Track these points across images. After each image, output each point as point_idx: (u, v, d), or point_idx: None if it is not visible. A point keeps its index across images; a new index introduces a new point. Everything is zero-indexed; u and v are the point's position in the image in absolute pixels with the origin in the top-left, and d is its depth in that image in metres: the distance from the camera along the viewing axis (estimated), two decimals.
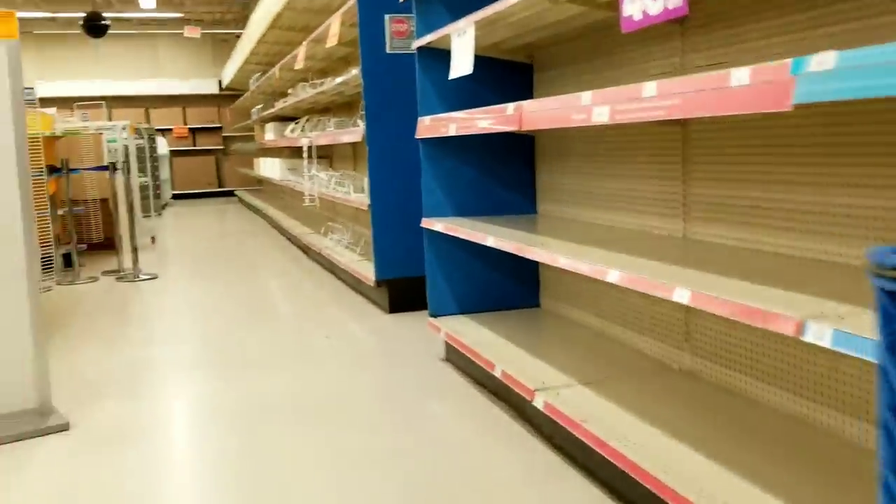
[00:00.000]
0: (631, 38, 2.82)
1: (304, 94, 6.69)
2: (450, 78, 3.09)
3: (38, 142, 5.28)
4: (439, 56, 3.47)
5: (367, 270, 4.76)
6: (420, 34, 3.44)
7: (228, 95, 16.59)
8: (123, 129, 8.28)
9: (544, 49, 3.50)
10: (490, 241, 2.74)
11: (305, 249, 7.11)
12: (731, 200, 2.37)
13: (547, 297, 3.63)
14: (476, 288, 3.60)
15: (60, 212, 6.81)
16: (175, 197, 16.48)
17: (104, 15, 14.40)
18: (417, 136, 3.48)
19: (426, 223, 3.47)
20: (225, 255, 7.55)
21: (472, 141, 3.57)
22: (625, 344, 2.95)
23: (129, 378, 3.52)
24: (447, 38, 3.15)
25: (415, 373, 3.42)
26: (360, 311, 4.71)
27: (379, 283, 4.53)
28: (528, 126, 2.42)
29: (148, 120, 16.44)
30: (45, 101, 15.09)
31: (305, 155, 6.05)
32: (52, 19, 15.81)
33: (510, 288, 3.65)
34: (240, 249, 7.91)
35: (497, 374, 2.74)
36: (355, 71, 4.67)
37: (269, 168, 9.33)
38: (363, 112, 4.54)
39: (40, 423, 2.91)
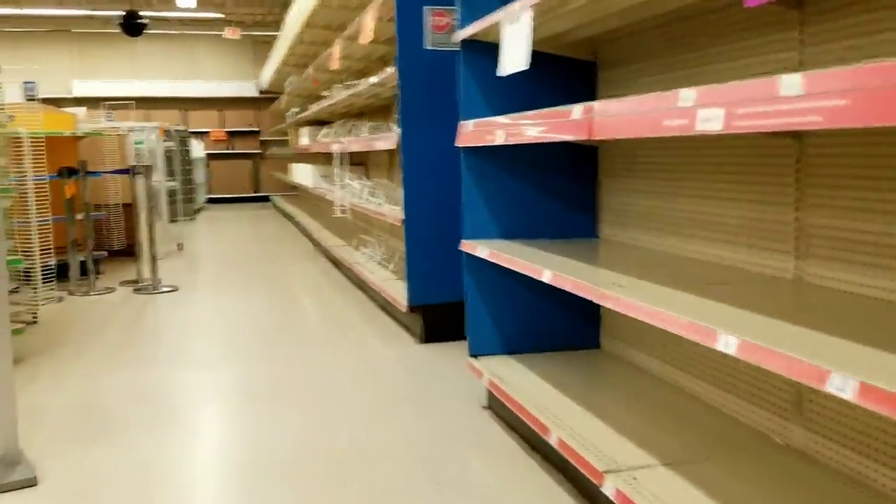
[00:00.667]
0: (729, 28, 2.27)
1: (338, 96, 6.23)
2: (499, 75, 2.56)
3: (40, 142, 4.87)
4: (486, 50, 2.95)
5: (399, 292, 4.26)
6: (464, 24, 2.92)
7: (266, 98, 16.27)
8: (152, 130, 7.90)
9: (612, 43, 2.96)
10: (546, 277, 2.21)
11: (336, 262, 6.64)
12: (864, 236, 1.81)
13: (609, 338, 3.09)
14: (525, 323, 3.07)
15: (80, 216, 6.43)
16: (211, 201, 16.20)
17: (143, 14, 14.17)
18: (458, 144, 2.97)
19: (467, 246, 2.95)
20: (251, 264, 7.12)
21: (523, 150, 3.04)
22: (711, 405, 2.40)
23: (120, 412, 3.05)
24: (496, 27, 2.63)
25: (450, 423, 2.89)
26: (390, 338, 4.20)
27: (412, 308, 4.01)
28: (600, 134, 1.88)
29: (185, 122, 16.19)
30: (82, 101, 14.91)
31: (336, 162, 5.58)
32: (91, 17, 15.65)
33: (565, 324, 3.11)
34: (267, 259, 7.48)
35: (552, 441, 2.21)
36: (391, 70, 4.17)
37: (302, 174, 8.90)
38: (398, 116, 4.04)
39: (4, 475, 2.45)
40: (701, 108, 1.50)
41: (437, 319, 4.04)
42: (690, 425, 2.23)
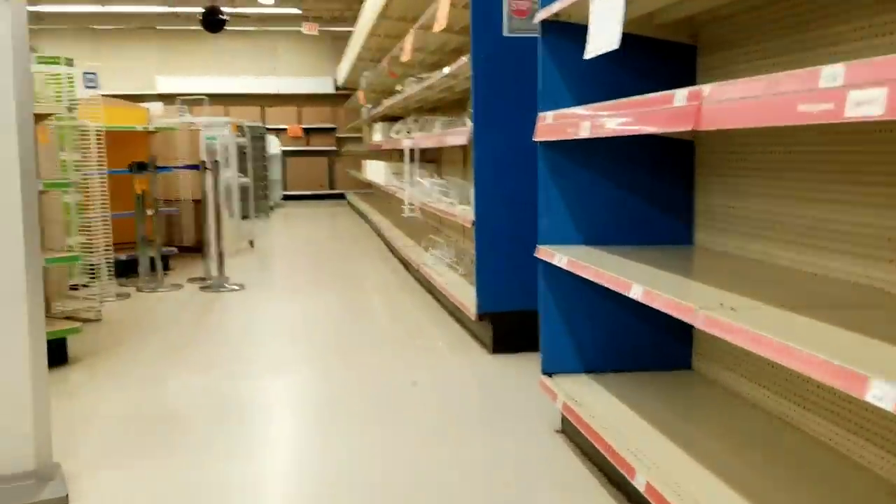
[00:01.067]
0: (855, 4, 1.89)
1: (410, 90, 5.98)
2: (586, 57, 2.24)
3: (99, 135, 4.77)
4: (570, 33, 2.63)
5: (468, 298, 3.97)
6: (546, 3, 2.61)
7: (343, 95, 16.23)
8: (224, 126, 7.83)
9: (716, 24, 2.60)
10: (636, 293, 1.88)
11: (406, 263, 6.39)
12: None
13: (703, 359, 2.72)
14: (606, 339, 2.74)
15: (150, 212, 6.37)
16: (287, 198, 16.25)
17: (223, 10, 14.28)
18: (536, 139, 2.66)
19: (543, 253, 2.64)
20: (320, 263, 6.94)
21: (607, 145, 2.71)
22: (826, 444, 2.02)
23: (170, 422, 2.86)
24: (583, 4, 2.31)
25: (518, 447, 2.59)
26: (458, 347, 3.92)
27: (481, 315, 3.72)
28: (710, 124, 1.55)
29: (263, 119, 16.29)
30: (165, 97, 15.15)
31: (407, 158, 5.33)
32: (174, 14, 15.90)
33: (652, 342, 2.76)
34: (337, 257, 7.30)
35: (639, 486, 1.88)
36: (465, 59, 3.88)
37: (375, 171, 8.71)
38: (471, 109, 3.75)
39: (34, 492, 2.26)
40: (853, 89, 1.16)
41: (508, 328, 3.74)
42: (803, 469, 1.87)
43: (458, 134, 4.06)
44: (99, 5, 14.75)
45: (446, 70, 4.33)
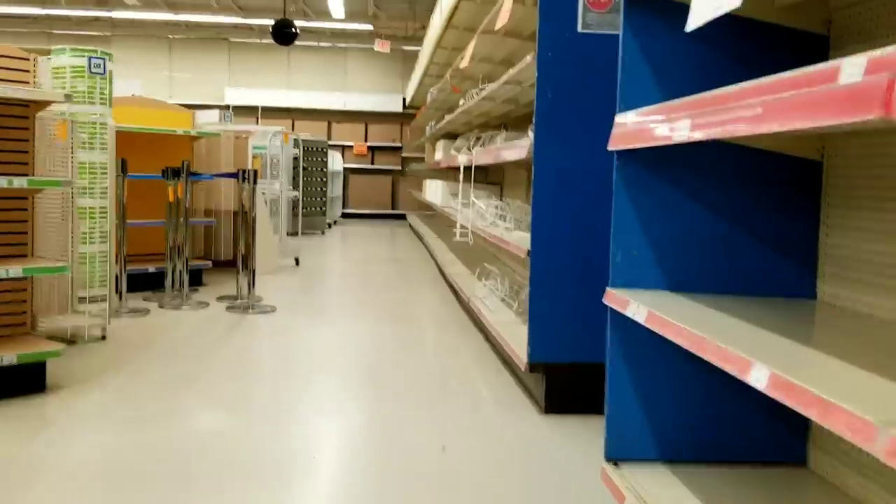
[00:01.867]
0: None
1: (470, 102, 5.40)
2: (689, 28, 1.60)
3: (131, 137, 4.31)
4: (664, 11, 2.00)
5: (519, 342, 3.33)
6: None
7: (410, 114, 15.80)
8: (275, 135, 7.38)
9: (856, 7, 1.93)
10: (760, 379, 1.21)
11: (458, 293, 5.78)
12: None
13: (824, 454, 2.02)
14: (693, 419, 2.06)
15: (192, 222, 5.93)
16: (347, 216, 15.87)
17: (294, 23, 14.04)
18: (612, 147, 2.02)
19: (614, 299, 1.99)
20: (365, 287, 6.39)
21: (707, 160, 2.05)
22: None
23: (139, 480, 2.29)
24: None
25: None
26: (504, 402, 3.27)
27: (533, 365, 3.06)
28: None
29: (329, 134, 15.99)
30: (236, 110, 14.99)
31: (462, 177, 4.74)
32: (249, 27, 15.78)
33: (755, 427, 2.07)
34: (385, 281, 6.73)
35: None
36: (529, 58, 3.27)
37: (433, 191, 8.14)
38: (535, 119, 3.12)
39: None
40: None
41: (565, 384, 3.07)
42: None
43: (517, 147, 3.44)
44: (171, 13, 14.70)
45: (512, 71, 3.73)
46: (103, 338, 4.20)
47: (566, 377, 3.05)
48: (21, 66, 3.34)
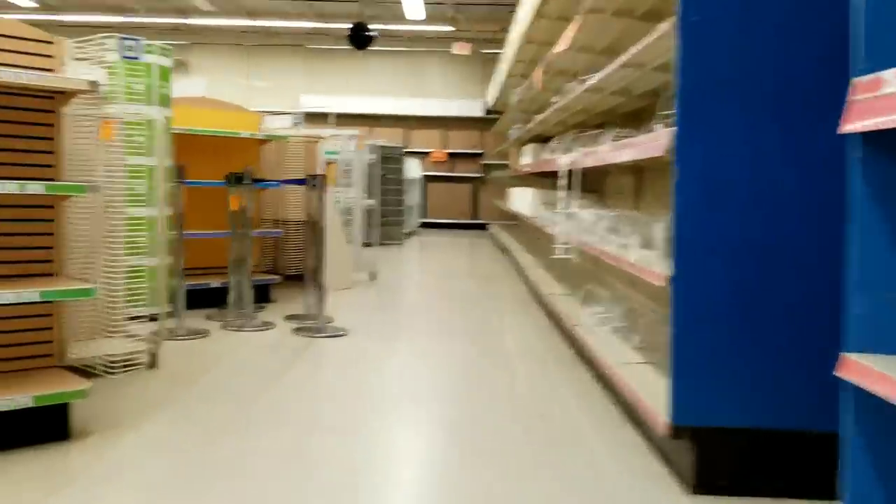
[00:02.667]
0: None
1: (570, 95, 4.67)
2: None
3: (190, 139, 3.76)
4: None
5: (650, 392, 2.59)
6: None
7: (491, 119, 15.10)
8: (350, 139, 6.81)
9: None
10: None
11: (555, 318, 5.05)
12: None
13: None
14: None
15: (256, 233, 5.39)
16: (425, 225, 15.27)
17: (371, 27, 13.57)
18: (846, 128, 1.28)
19: (859, 372, 1.23)
20: (447, 308, 5.72)
21: None
22: None
23: None
24: None
25: None
26: (631, 473, 2.53)
27: (678, 429, 2.31)
28: None
29: (406, 141, 15.45)
30: (311, 117, 14.60)
31: (561, 182, 4.02)
32: (325, 32, 15.41)
33: None
34: (468, 302, 6.04)
35: None
36: (666, 25, 2.54)
37: (521, 200, 7.42)
38: (676, 100, 2.37)
39: None
40: None
41: (724, 454, 2.31)
42: None
43: (645, 145, 2.70)
44: (248, 19, 14.44)
45: (633, 50, 2.99)
46: (153, 365, 3.64)
47: (727, 447, 2.29)
48: (42, 51, 2.79)
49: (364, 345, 4.36)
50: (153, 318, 3.84)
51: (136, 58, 3.49)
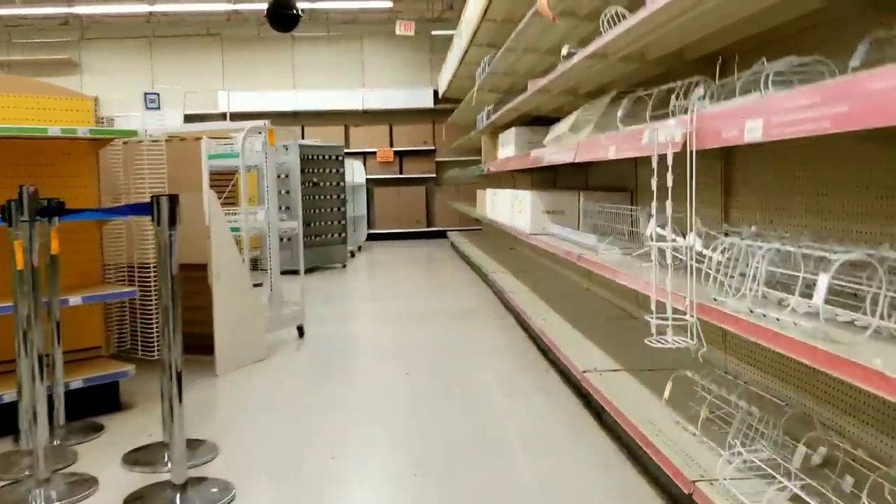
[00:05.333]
0: None
1: (593, 46, 2.56)
2: None
3: None
4: None
5: None
6: None
7: (445, 110, 12.95)
8: (252, 134, 4.60)
9: None
10: None
11: (617, 431, 2.93)
12: None
13: None
14: None
15: (89, 297, 3.17)
16: (373, 237, 13.06)
17: (295, 5, 11.30)
18: None
19: None
20: (415, 394, 3.56)
21: None
22: None
23: None
24: None
25: None
26: None
27: None
28: None
29: (347, 141, 13.23)
30: (234, 117, 12.28)
31: (666, 166, 1.90)
32: (243, 16, 13.09)
33: None
34: (450, 379, 3.89)
35: None
36: None
37: (507, 206, 5.29)
38: None
39: None
40: None
41: None
42: None
43: None
44: (147, 4, 12.04)
45: None
46: None
47: None
48: None
49: None
50: None
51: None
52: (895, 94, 1.10)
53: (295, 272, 6.79)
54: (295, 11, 10.97)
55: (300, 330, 4.90)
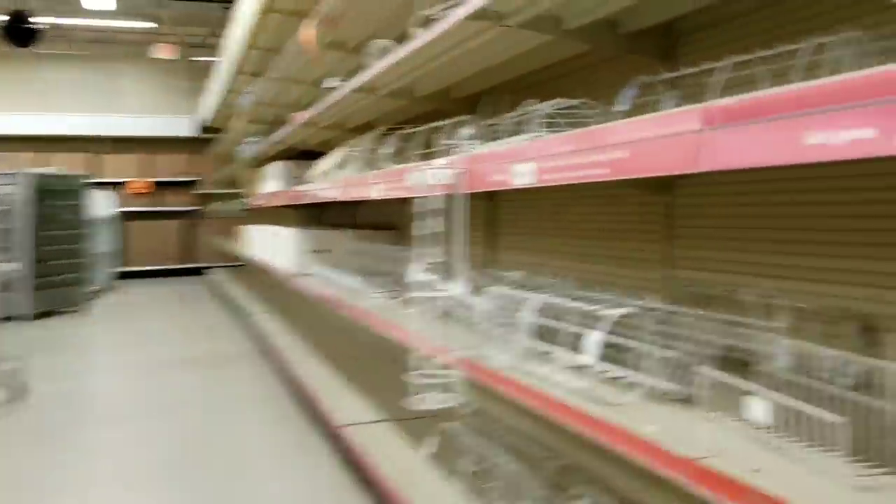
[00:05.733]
0: None
1: (372, 70, 2.41)
2: None
3: None
4: None
5: None
6: None
7: (208, 139, 12.28)
8: None
9: None
10: None
11: (347, 452, 2.71)
12: None
13: None
14: None
15: None
16: (126, 276, 11.94)
17: (37, 19, 10.19)
18: None
19: None
20: (147, 453, 3.12)
21: None
22: None
23: None
24: None
25: None
26: None
27: None
28: None
29: (100, 169, 12.10)
30: None
31: (420, 224, 1.74)
32: None
33: None
34: (189, 429, 3.48)
35: None
36: None
37: (267, 245, 4.97)
38: None
39: None
40: None
41: None
42: None
43: None
44: None
45: None
46: None
47: None
48: None
49: None
50: None
51: None
52: (675, 142, 1.00)
53: (18, 319, 5.94)
54: (33, 26, 9.88)
55: (17, 390, 4.21)
